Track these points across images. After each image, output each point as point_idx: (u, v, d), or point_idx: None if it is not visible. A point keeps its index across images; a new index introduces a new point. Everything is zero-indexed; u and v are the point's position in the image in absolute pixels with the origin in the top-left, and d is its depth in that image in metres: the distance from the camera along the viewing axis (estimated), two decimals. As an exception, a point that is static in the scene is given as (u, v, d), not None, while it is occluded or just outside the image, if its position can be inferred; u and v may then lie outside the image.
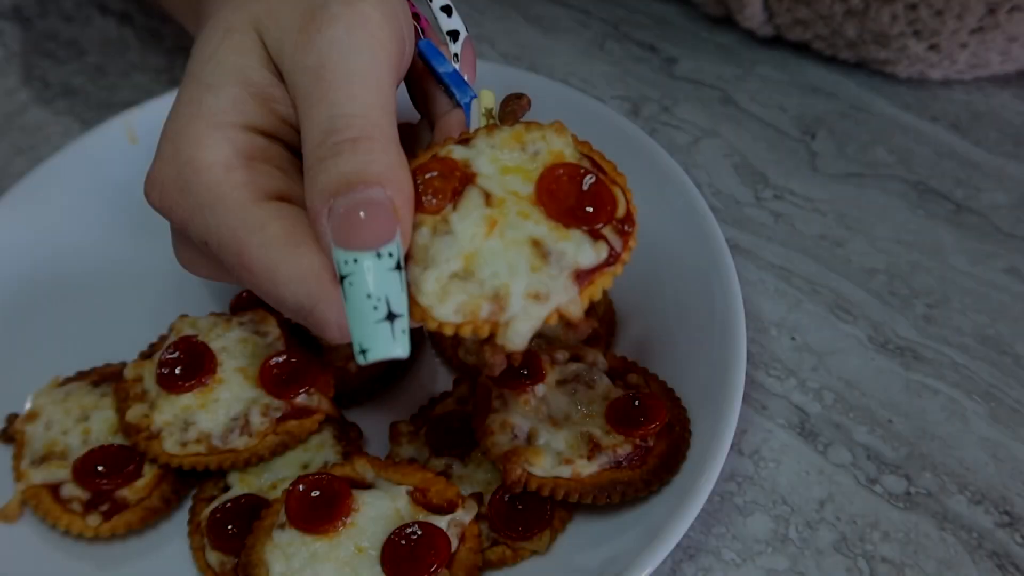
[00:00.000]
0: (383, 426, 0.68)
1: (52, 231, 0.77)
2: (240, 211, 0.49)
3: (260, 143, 0.53)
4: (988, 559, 0.61)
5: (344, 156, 0.47)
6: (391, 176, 0.47)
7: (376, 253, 0.46)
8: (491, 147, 0.50)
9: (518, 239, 0.48)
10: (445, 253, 0.48)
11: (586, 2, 1.00)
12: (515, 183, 0.49)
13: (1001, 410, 0.68)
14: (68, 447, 0.65)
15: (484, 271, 0.47)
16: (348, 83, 0.49)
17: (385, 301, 0.46)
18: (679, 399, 0.65)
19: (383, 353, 0.46)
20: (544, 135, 0.51)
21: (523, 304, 0.47)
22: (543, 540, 0.60)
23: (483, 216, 0.48)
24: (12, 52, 1.02)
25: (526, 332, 0.47)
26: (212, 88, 0.52)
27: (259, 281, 0.49)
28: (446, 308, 0.47)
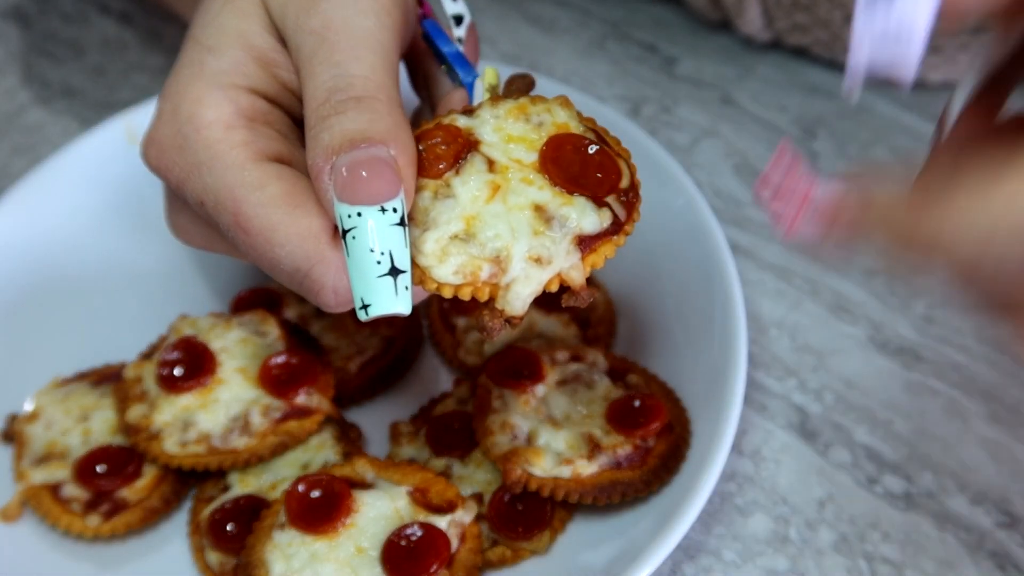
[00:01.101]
0: (383, 426, 0.68)
1: (52, 231, 0.77)
2: (239, 170, 0.49)
3: (261, 106, 0.53)
4: (988, 559, 0.61)
5: (349, 114, 0.47)
6: (395, 136, 0.47)
7: (380, 208, 0.45)
8: (495, 117, 0.50)
9: (520, 204, 0.48)
10: (446, 215, 0.48)
11: (586, 2, 1.00)
12: (519, 151, 0.49)
13: (1001, 410, 0.67)
14: (68, 447, 0.65)
15: (485, 233, 0.47)
16: (353, 44, 0.49)
17: (389, 255, 0.45)
18: (679, 399, 0.65)
19: (385, 308, 0.46)
20: (549, 107, 0.51)
21: (524, 267, 0.47)
22: (543, 540, 0.60)
23: (485, 181, 0.48)
24: (12, 52, 1.02)
25: (526, 296, 0.47)
26: (214, 50, 0.52)
27: (255, 242, 0.49)
28: (445, 269, 0.47)
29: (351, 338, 0.70)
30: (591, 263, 0.48)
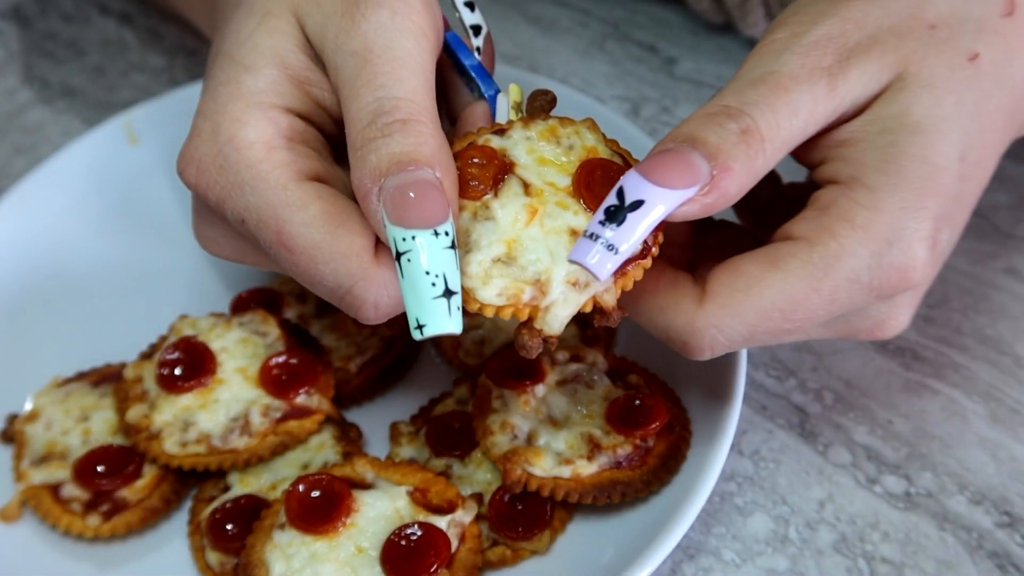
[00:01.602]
0: (383, 426, 0.68)
1: (52, 231, 0.77)
2: (281, 190, 0.50)
3: (298, 125, 0.54)
4: (988, 559, 0.61)
5: (395, 137, 0.48)
6: (440, 158, 0.48)
7: (433, 231, 0.46)
8: (527, 139, 0.52)
9: (557, 228, 0.49)
10: (488, 238, 0.49)
11: (586, 2, 1.00)
12: (551, 174, 0.50)
13: (1001, 410, 0.68)
14: (68, 447, 0.65)
15: (526, 257, 0.48)
16: (395, 67, 0.50)
17: (443, 278, 0.46)
18: (679, 399, 0.65)
19: (439, 328, 0.47)
20: (577, 130, 0.52)
21: (563, 290, 0.48)
22: (543, 540, 0.60)
23: (524, 204, 0.49)
24: (12, 52, 1.02)
25: (564, 317, 0.48)
26: (250, 69, 0.53)
27: (298, 259, 0.50)
28: (489, 291, 0.48)
29: (351, 338, 0.70)
30: (621, 286, 0.49)
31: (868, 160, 0.49)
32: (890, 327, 0.53)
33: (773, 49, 0.49)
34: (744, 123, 0.47)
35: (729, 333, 0.49)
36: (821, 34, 0.49)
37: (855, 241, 0.48)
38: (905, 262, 0.48)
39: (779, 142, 0.48)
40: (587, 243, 0.47)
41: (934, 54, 0.50)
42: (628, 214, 0.46)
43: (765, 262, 0.49)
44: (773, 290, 0.48)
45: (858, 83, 0.49)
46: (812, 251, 0.48)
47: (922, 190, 0.48)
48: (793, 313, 0.48)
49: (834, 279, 0.48)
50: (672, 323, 0.50)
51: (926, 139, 0.49)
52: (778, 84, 0.48)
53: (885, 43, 0.49)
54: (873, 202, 0.48)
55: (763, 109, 0.47)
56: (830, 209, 0.49)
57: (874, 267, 0.48)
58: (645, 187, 0.46)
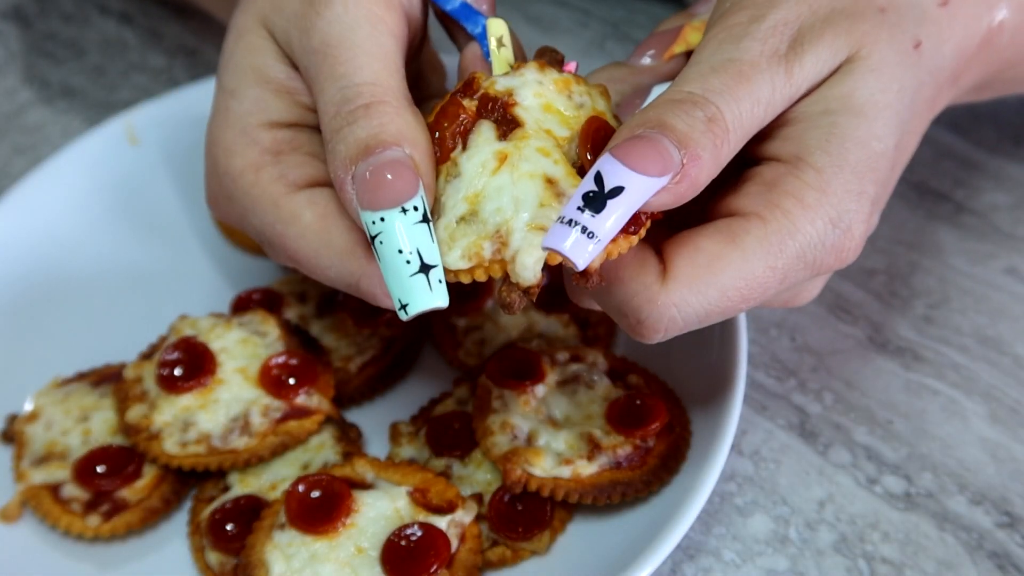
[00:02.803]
0: (383, 426, 0.68)
1: (52, 231, 0.77)
2: (273, 208, 0.52)
3: (285, 136, 0.54)
4: (988, 559, 0.61)
5: (360, 123, 0.48)
6: (408, 134, 0.48)
7: (401, 208, 0.46)
8: (539, 82, 0.50)
9: (531, 172, 0.47)
10: (453, 198, 0.48)
11: (586, 2, 1.00)
12: (552, 122, 0.49)
13: (1001, 410, 0.68)
14: (68, 447, 0.65)
15: (487, 208, 0.47)
16: (353, 55, 0.50)
17: (417, 254, 0.46)
18: (679, 399, 0.65)
19: (423, 304, 0.46)
20: (590, 92, 0.51)
21: (525, 235, 0.46)
22: (543, 540, 0.60)
23: (493, 151, 0.48)
24: (12, 52, 1.02)
25: (533, 263, 0.46)
26: (234, 93, 0.55)
27: (308, 269, 0.52)
28: (454, 255, 0.47)
29: (351, 338, 0.70)
30: (608, 253, 0.47)
31: (811, 140, 0.49)
32: (803, 298, 0.54)
33: (733, 34, 0.49)
34: (709, 111, 0.47)
35: (687, 312, 0.48)
36: (779, 18, 0.49)
37: (805, 220, 0.48)
38: (845, 243, 0.49)
39: (742, 132, 0.48)
40: (563, 229, 0.45)
41: (886, 38, 0.50)
42: (608, 200, 0.45)
43: (722, 239, 0.49)
44: (733, 268, 0.48)
45: (812, 69, 0.49)
46: (766, 228, 0.48)
47: (863, 174, 0.49)
48: (750, 291, 0.49)
49: (787, 257, 0.48)
50: (631, 299, 0.49)
51: (868, 124, 0.49)
52: (740, 72, 0.48)
53: (838, 25, 0.50)
54: (820, 183, 0.48)
55: (727, 98, 0.47)
56: (777, 186, 0.49)
57: (818, 246, 0.49)
58: (624, 173, 0.45)
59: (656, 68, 0.58)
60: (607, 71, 0.59)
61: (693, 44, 0.57)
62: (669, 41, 0.58)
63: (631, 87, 0.58)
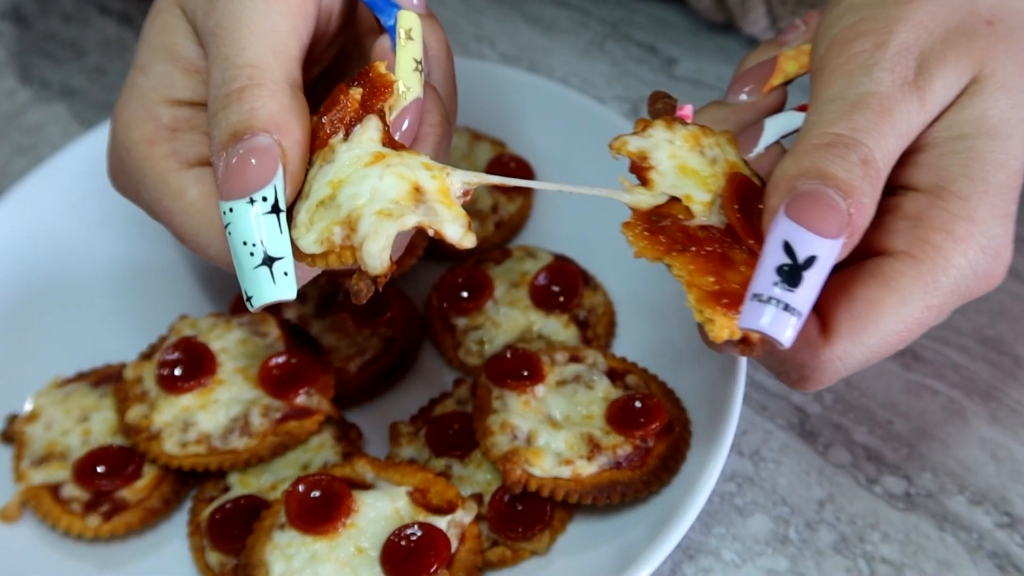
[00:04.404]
0: (383, 426, 0.68)
1: (52, 231, 0.77)
2: (162, 182, 0.51)
3: (185, 114, 0.54)
4: (988, 559, 0.61)
5: (232, 107, 0.48)
6: (281, 120, 0.47)
7: (249, 199, 0.46)
8: (669, 142, 0.49)
9: (404, 175, 0.46)
10: (319, 182, 0.47)
11: (586, 2, 1.00)
12: (690, 187, 0.47)
13: (1001, 410, 0.68)
14: (68, 448, 0.65)
15: (344, 193, 0.46)
16: (239, 37, 0.49)
17: (260, 245, 0.46)
18: (679, 399, 0.65)
19: (266, 297, 0.46)
20: (719, 142, 0.49)
21: (373, 221, 0.45)
22: (543, 541, 0.60)
23: (373, 152, 0.47)
24: (12, 52, 1.02)
25: (377, 251, 0.44)
26: (143, 69, 0.55)
27: (190, 246, 0.51)
28: (309, 239, 0.46)
29: (351, 338, 0.70)
30: None
31: (950, 167, 0.48)
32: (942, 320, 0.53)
33: (860, 64, 0.48)
34: (862, 153, 0.45)
35: (850, 363, 0.48)
36: (901, 43, 0.48)
37: (958, 253, 0.47)
38: (995, 268, 0.48)
39: (888, 168, 0.47)
40: (759, 307, 0.43)
41: (1003, 52, 0.49)
42: (803, 272, 0.43)
43: (877, 284, 0.47)
44: (891, 312, 0.47)
45: (942, 94, 0.48)
46: (920, 267, 0.47)
47: (1006, 195, 0.48)
48: (909, 332, 0.48)
49: (943, 294, 0.47)
50: (795, 358, 0.48)
51: (1004, 144, 0.48)
52: (881, 107, 0.46)
53: (958, 46, 0.48)
54: (967, 212, 0.47)
55: (875, 136, 0.46)
56: (924, 220, 0.48)
57: (970, 276, 0.48)
58: (813, 241, 0.43)
59: (758, 104, 0.56)
60: (708, 112, 0.57)
61: (791, 74, 0.55)
62: (766, 74, 0.57)
63: (736, 126, 0.56)
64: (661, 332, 0.70)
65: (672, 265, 0.46)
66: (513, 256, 0.73)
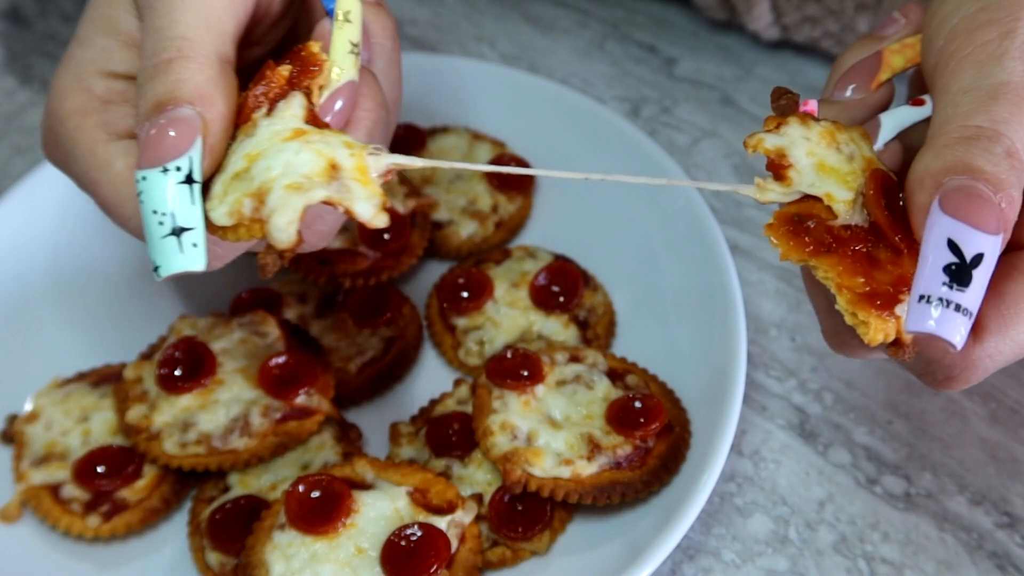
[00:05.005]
0: (383, 426, 0.68)
1: (52, 231, 0.77)
2: (90, 153, 0.51)
3: (120, 87, 0.54)
4: (988, 559, 0.61)
5: (159, 78, 0.48)
6: (203, 93, 0.47)
7: (163, 168, 0.45)
8: (806, 139, 0.47)
9: (322, 152, 0.45)
10: (237, 154, 0.47)
11: (586, 2, 1.00)
12: (829, 184, 0.46)
13: (1001, 411, 0.67)
14: (68, 448, 0.65)
15: (259, 166, 0.45)
16: (172, 10, 0.49)
17: (171, 215, 0.45)
18: (679, 400, 0.65)
19: (172, 267, 0.45)
20: (853, 138, 0.48)
21: (282, 194, 0.44)
22: (543, 541, 0.60)
23: (293, 128, 0.47)
24: (12, 52, 1.02)
25: (284, 224, 0.44)
26: (82, 42, 0.55)
27: (114, 217, 0.51)
28: (221, 210, 0.45)
29: (351, 338, 0.71)
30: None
31: None
32: None
33: (989, 53, 0.46)
34: (1006, 145, 0.44)
35: (999, 359, 0.46)
36: None
37: None
38: None
39: None
40: (925, 308, 0.42)
41: None
42: (973, 271, 0.42)
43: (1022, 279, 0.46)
44: None
45: None
46: None
47: None
48: None
49: None
50: (943, 359, 0.46)
51: None
52: (1018, 97, 0.45)
53: None
54: None
55: (1015, 127, 0.44)
56: None
57: None
58: (979, 238, 0.42)
59: (867, 100, 0.55)
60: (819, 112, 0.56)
61: (898, 68, 0.54)
62: (872, 69, 0.55)
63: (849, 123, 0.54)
64: (661, 332, 0.70)
65: (818, 267, 0.45)
66: (513, 256, 0.73)
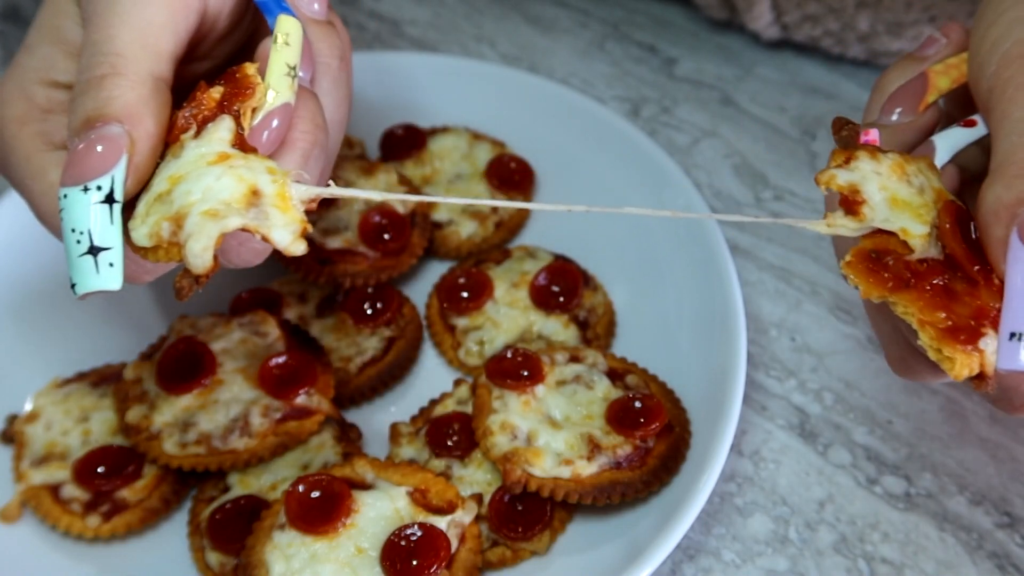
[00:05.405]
0: (383, 426, 0.68)
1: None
2: (26, 162, 0.51)
3: (61, 96, 0.54)
4: (988, 560, 0.61)
5: (90, 94, 0.47)
6: (132, 111, 0.47)
7: (83, 187, 0.45)
8: (877, 173, 0.46)
9: (244, 178, 0.45)
10: (161, 175, 0.47)
11: (586, 2, 1.00)
12: (904, 219, 0.45)
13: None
14: (68, 448, 0.65)
15: (179, 189, 0.45)
16: (109, 25, 0.49)
17: (88, 234, 0.45)
18: (679, 400, 0.65)
19: (88, 286, 0.46)
20: (920, 168, 0.47)
21: (197, 221, 0.44)
22: (543, 541, 0.60)
23: (218, 152, 0.46)
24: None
25: (199, 250, 0.44)
26: (29, 49, 0.55)
27: (48, 227, 0.51)
28: (142, 231, 0.46)
29: (351, 338, 0.71)
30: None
31: None
32: None
33: None
34: None
35: None
36: None
37: None
38: None
39: None
40: (1017, 346, 0.42)
41: None
42: None
43: None
44: None
45: None
46: None
47: None
48: None
49: None
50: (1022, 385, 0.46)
51: None
52: None
53: None
54: None
55: None
56: None
57: None
58: None
59: (916, 123, 0.55)
60: None
61: (944, 90, 0.53)
62: (918, 92, 0.55)
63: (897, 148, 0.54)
64: (661, 332, 0.70)
65: (897, 303, 0.45)
66: (513, 256, 0.73)
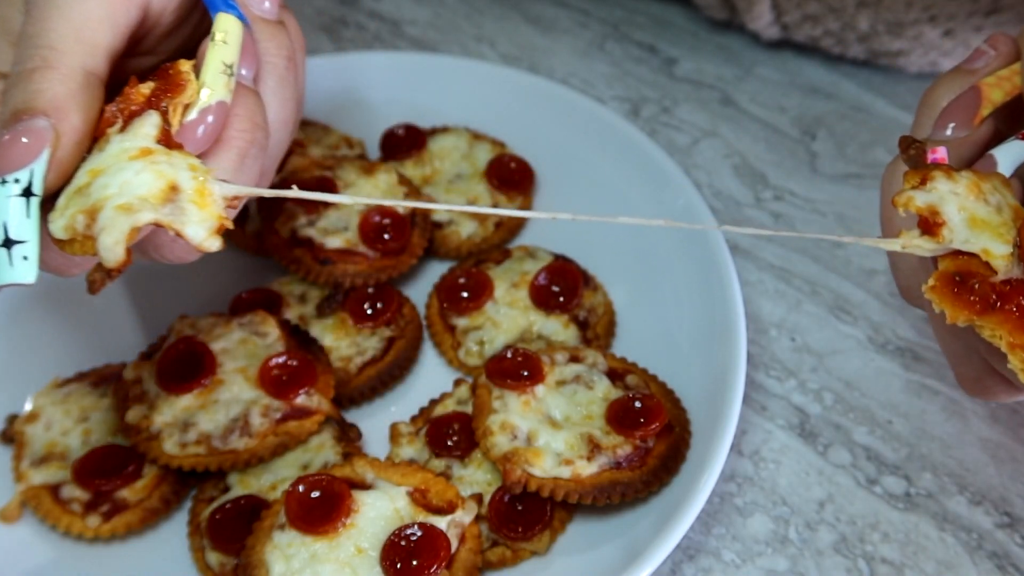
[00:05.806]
0: (383, 426, 0.68)
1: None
2: None
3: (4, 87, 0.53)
4: (988, 560, 0.61)
5: (20, 86, 0.47)
6: (59, 105, 0.47)
7: (2, 180, 0.45)
8: (954, 193, 0.46)
9: (163, 173, 0.45)
10: (83, 168, 0.47)
11: (586, 2, 1.00)
12: (984, 240, 0.45)
13: (1001, 411, 0.68)
14: (68, 448, 0.65)
15: (97, 183, 0.45)
16: (46, 17, 0.49)
17: (3, 227, 0.45)
18: (679, 399, 0.65)
19: (1, 279, 0.46)
20: (996, 186, 0.47)
21: (110, 215, 0.44)
22: (543, 541, 0.60)
23: (141, 147, 0.46)
24: None
25: (110, 244, 0.44)
26: None
27: None
28: (59, 224, 0.45)
29: (351, 338, 0.71)
30: None
31: None
32: None
33: None
34: None
35: None
36: None
37: None
38: None
39: None
40: None
41: None
42: None
43: None
44: None
45: None
46: None
47: None
48: None
49: None
50: None
51: None
52: None
53: None
54: None
55: None
56: None
57: None
58: None
59: (973, 138, 0.54)
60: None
61: (998, 102, 0.53)
62: (972, 105, 0.54)
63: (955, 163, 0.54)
64: (661, 332, 0.70)
65: (984, 326, 0.44)
66: (513, 256, 0.73)
